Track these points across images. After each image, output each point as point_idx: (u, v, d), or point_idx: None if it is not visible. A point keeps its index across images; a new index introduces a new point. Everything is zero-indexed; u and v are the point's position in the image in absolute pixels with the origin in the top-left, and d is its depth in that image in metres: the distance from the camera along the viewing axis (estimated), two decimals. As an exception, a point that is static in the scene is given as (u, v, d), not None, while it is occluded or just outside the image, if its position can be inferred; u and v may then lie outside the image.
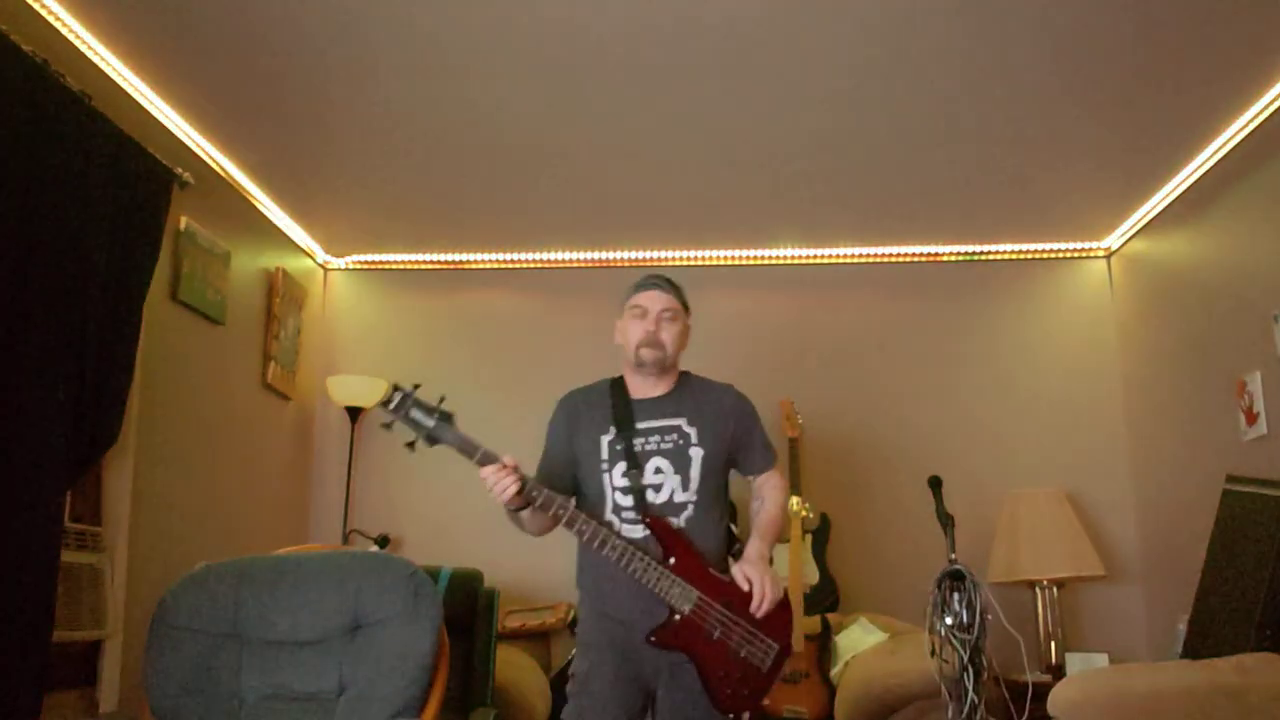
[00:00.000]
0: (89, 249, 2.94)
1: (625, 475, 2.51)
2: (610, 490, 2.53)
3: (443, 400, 2.43)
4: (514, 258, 4.87)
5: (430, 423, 2.41)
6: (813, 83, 3.37)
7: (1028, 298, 4.80)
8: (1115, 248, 4.71)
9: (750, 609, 2.44)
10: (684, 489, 2.52)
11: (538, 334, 4.79)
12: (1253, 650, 2.87)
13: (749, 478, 2.70)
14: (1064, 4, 2.93)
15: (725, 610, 2.44)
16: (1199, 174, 3.92)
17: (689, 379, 2.70)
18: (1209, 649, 3.11)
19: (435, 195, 4.27)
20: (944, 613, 2.49)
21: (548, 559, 4.19)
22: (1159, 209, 4.27)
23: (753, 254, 4.85)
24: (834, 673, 3.92)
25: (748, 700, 2.46)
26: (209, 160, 3.82)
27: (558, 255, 4.85)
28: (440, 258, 4.90)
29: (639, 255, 4.83)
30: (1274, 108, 3.40)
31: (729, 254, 4.85)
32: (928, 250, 4.79)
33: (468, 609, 3.50)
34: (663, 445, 2.53)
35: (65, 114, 2.86)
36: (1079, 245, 4.76)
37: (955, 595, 2.49)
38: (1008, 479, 4.42)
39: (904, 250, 4.80)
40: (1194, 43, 3.11)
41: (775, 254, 4.84)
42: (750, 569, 2.46)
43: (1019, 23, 3.01)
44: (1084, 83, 3.35)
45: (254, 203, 4.22)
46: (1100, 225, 4.59)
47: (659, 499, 2.51)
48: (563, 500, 2.42)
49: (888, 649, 3.83)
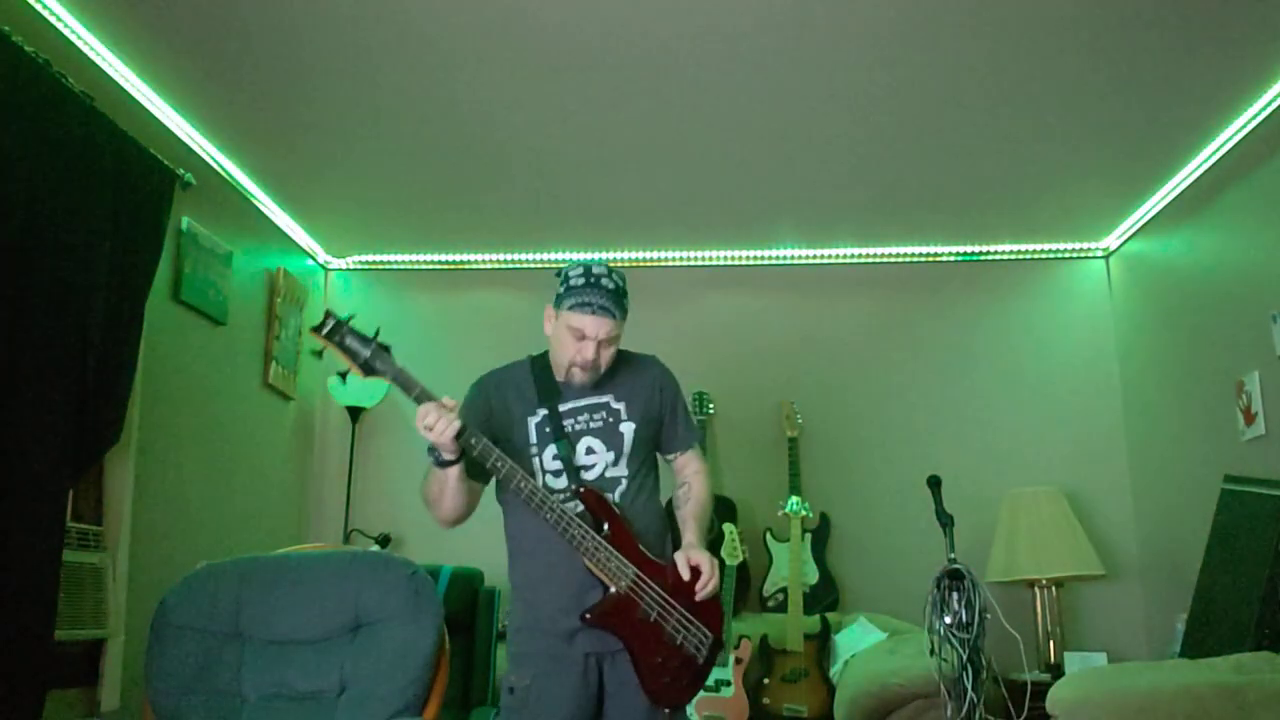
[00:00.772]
0: (91, 249, 2.95)
1: (556, 458, 2.39)
2: (541, 473, 2.41)
3: (378, 333, 2.32)
4: (514, 257, 4.88)
5: (366, 351, 2.29)
6: (813, 83, 3.37)
7: (1027, 298, 4.80)
8: (1114, 248, 4.72)
9: (695, 588, 2.32)
10: (615, 464, 2.41)
11: (537, 334, 4.75)
12: (1251, 649, 2.87)
13: (669, 457, 2.57)
14: (1063, 5, 2.93)
15: (661, 592, 2.32)
16: (1197, 174, 3.93)
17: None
18: (1207, 648, 3.11)
19: (436, 195, 4.27)
20: (943, 612, 2.50)
21: (548, 558, 4.20)
22: (1158, 209, 4.28)
23: (753, 254, 4.85)
24: (833, 672, 3.93)
25: (683, 692, 2.35)
26: (211, 161, 3.83)
27: (558, 255, 4.86)
28: (441, 258, 4.91)
29: (639, 255, 4.84)
30: (1272, 108, 3.41)
31: (729, 254, 4.85)
32: (928, 250, 4.80)
33: (468, 608, 3.51)
34: (592, 424, 2.42)
35: (67, 114, 2.87)
36: (1078, 245, 4.77)
37: (954, 594, 2.50)
38: (1007, 478, 4.43)
39: (904, 250, 4.80)
40: (1193, 43, 3.11)
41: (775, 254, 4.85)
42: (695, 553, 2.35)
43: (1019, 24, 3.02)
44: (1083, 83, 3.35)
45: (255, 203, 4.23)
46: (1099, 225, 4.60)
47: (591, 476, 2.40)
48: (500, 453, 2.26)
49: (887, 648, 3.84)
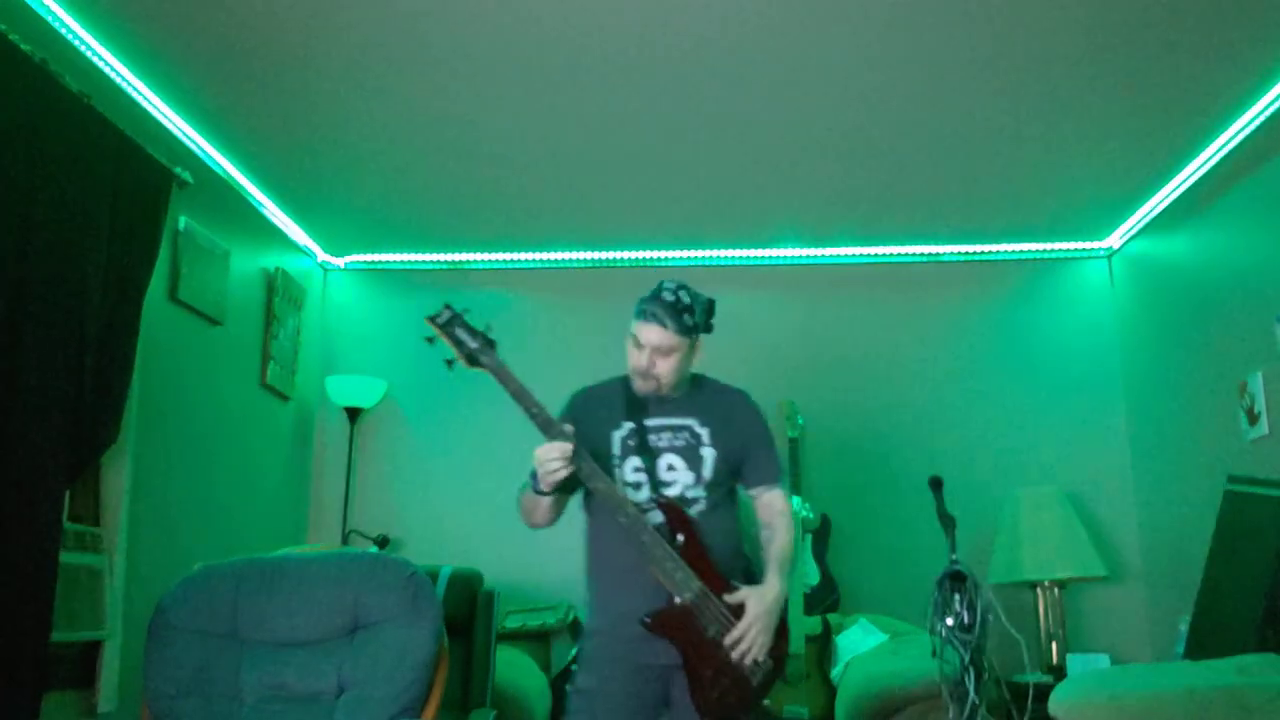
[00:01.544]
0: (88, 248, 2.94)
1: (638, 470, 2.47)
2: (621, 484, 2.47)
3: (489, 328, 2.45)
4: (514, 257, 4.87)
5: (474, 343, 2.42)
6: (814, 83, 3.36)
7: (1029, 298, 4.79)
8: (1117, 248, 4.71)
9: (727, 641, 2.35)
10: (694, 485, 2.48)
11: (537, 334, 4.78)
12: (1254, 651, 2.86)
13: (751, 492, 2.60)
14: (1064, 4, 2.92)
15: (725, 610, 2.37)
16: (1200, 173, 3.91)
17: (702, 381, 2.63)
18: (1210, 650, 3.10)
19: (435, 195, 4.26)
20: (945, 613, 2.49)
21: (548, 559, 4.19)
22: (1160, 209, 4.27)
23: (754, 254, 4.84)
24: (834, 673, 3.91)
25: (731, 710, 2.38)
26: (208, 160, 3.82)
27: (557, 254, 4.85)
28: (440, 257, 4.89)
29: (639, 255, 4.83)
30: (1275, 106, 3.39)
31: (729, 253, 4.84)
32: (929, 250, 4.79)
33: (467, 609, 3.50)
34: (674, 442, 2.49)
35: (64, 114, 2.86)
36: (1080, 245, 4.75)
37: (956, 596, 2.48)
38: (1009, 479, 4.42)
39: (905, 250, 4.79)
40: (1196, 41, 3.10)
41: (776, 254, 4.84)
42: (757, 605, 2.36)
43: (1020, 22, 3.01)
44: (1085, 82, 3.34)
45: (253, 202, 4.21)
46: (1101, 225, 4.58)
47: (671, 493, 2.46)
48: (602, 475, 2.38)
49: (889, 650, 3.83)
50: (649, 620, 2.34)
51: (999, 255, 4.78)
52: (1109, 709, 2.51)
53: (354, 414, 4.65)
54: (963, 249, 4.77)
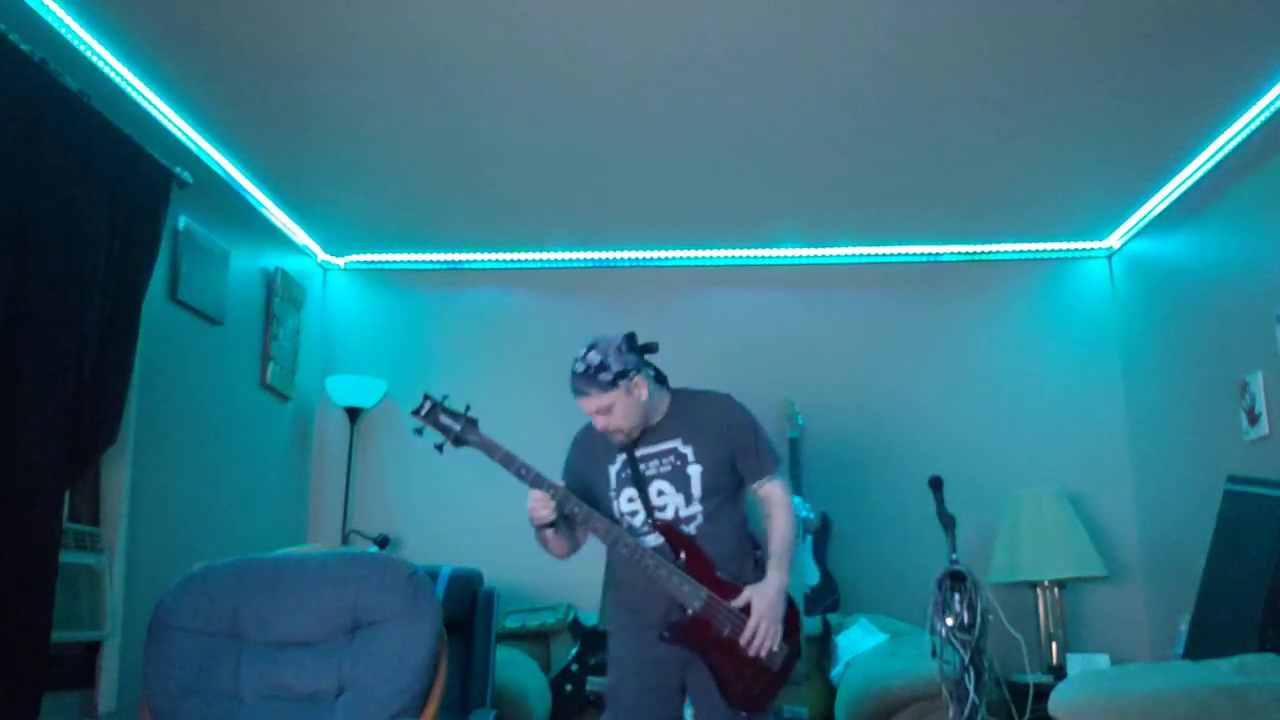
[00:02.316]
0: (87, 248, 2.93)
1: (631, 500, 2.67)
2: (619, 515, 2.68)
3: (468, 409, 2.67)
4: (513, 257, 4.87)
5: (457, 426, 2.64)
6: (813, 82, 3.36)
7: (1029, 298, 4.79)
8: (1117, 247, 4.70)
9: (742, 641, 2.53)
10: (687, 505, 2.64)
11: (537, 334, 4.78)
12: (1254, 651, 2.86)
13: (752, 487, 2.73)
14: (1064, 5, 2.92)
15: (734, 610, 2.55)
16: (1201, 173, 3.91)
17: (683, 397, 2.75)
18: (1210, 650, 3.09)
19: (434, 195, 4.26)
20: (945, 613, 2.49)
21: (547, 560, 4.17)
22: (1161, 209, 4.26)
23: (753, 253, 4.84)
24: (834, 673, 3.91)
25: (759, 699, 2.58)
26: (208, 160, 3.81)
27: (557, 255, 4.84)
28: (439, 257, 4.89)
29: (639, 255, 4.83)
30: (1275, 106, 3.39)
31: (729, 253, 4.84)
32: (929, 250, 4.78)
33: (467, 609, 3.50)
34: (661, 469, 2.66)
35: (64, 113, 2.86)
36: (1080, 245, 4.75)
37: (956, 596, 2.49)
38: (1009, 479, 4.41)
39: (905, 249, 4.79)
40: (1197, 41, 3.10)
41: (776, 253, 4.84)
42: (760, 602, 2.55)
43: (1019, 21, 3.01)
44: (1085, 82, 3.34)
45: (253, 202, 4.21)
46: (1102, 225, 4.58)
47: (665, 516, 2.64)
48: (593, 513, 2.60)
49: (888, 650, 3.82)
50: (667, 634, 2.55)
51: (999, 255, 4.78)
52: (1109, 709, 2.51)
53: (354, 414, 4.64)
54: (963, 249, 4.77)
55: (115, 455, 3.20)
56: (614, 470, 2.71)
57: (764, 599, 2.55)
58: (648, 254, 4.83)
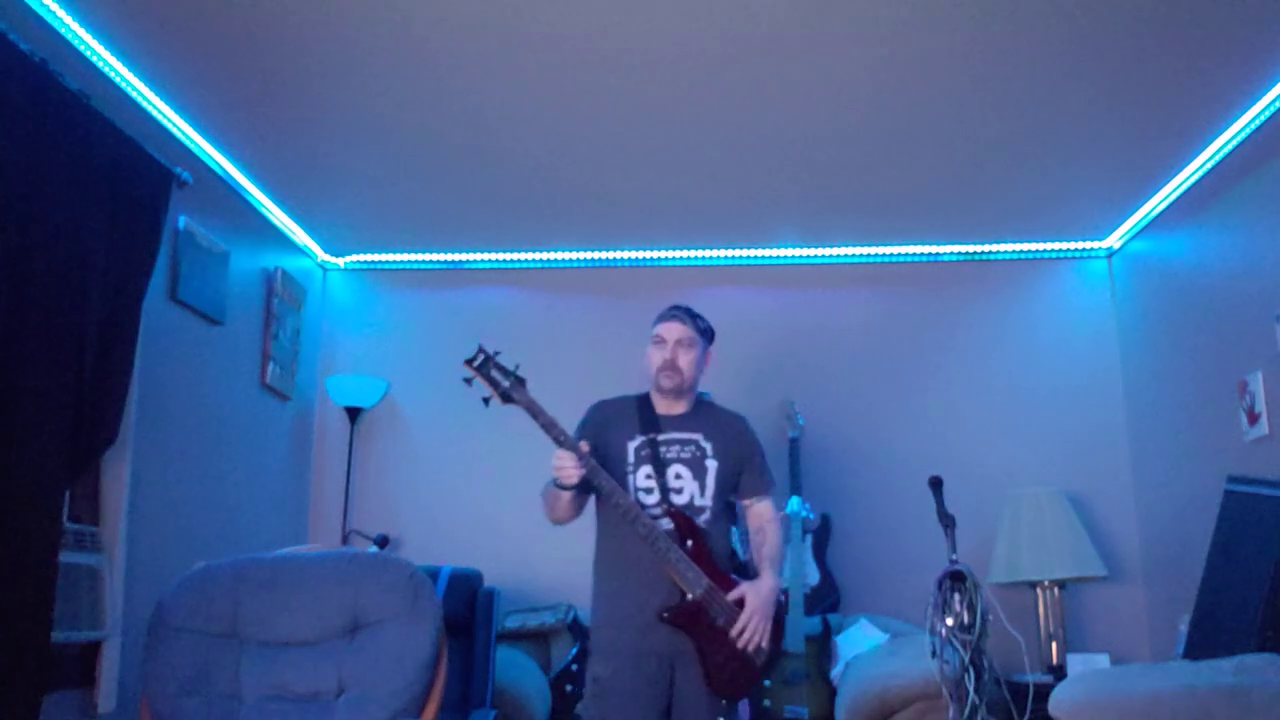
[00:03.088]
0: (88, 248, 2.93)
1: (649, 477, 2.78)
2: (634, 490, 2.77)
3: (518, 367, 2.70)
4: (514, 257, 4.87)
5: (506, 382, 2.67)
6: (813, 83, 3.36)
7: (1029, 298, 4.79)
8: (1117, 248, 4.70)
9: (733, 632, 2.67)
10: (702, 495, 2.80)
11: (537, 334, 4.78)
12: (1254, 651, 2.86)
13: (745, 502, 2.95)
14: (1065, 4, 2.92)
15: (729, 604, 2.70)
16: (1201, 173, 3.91)
17: (705, 404, 2.98)
18: (1210, 650, 3.10)
19: (434, 195, 4.26)
20: (945, 613, 2.49)
21: (547, 559, 4.20)
22: (1161, 209, 4.26)
23: (753, 253, 4.84)
24: (834, 673, 3.91)
25: (740, 688, 2.74)
26: (208, 160, 3.81)
27: (557, 254, 4.85)
28: (439, 257, 4.89)
29: (639, 255, 4.83)
30: (1276, 106, 3.39)
31: (729, 253, 4.84)
32: (929, 250, 4.79)
33: (467, 609, 3.50)
34: (682, 454, 2.81)
35: (64, 113, 2.86)
36: (1080, 245, 4.75)
37: (956, 596, 2.49)
38: (1009, 479, 4.41)
39: (905, 249, 4.79)
40: (1196, 41, 3.10)
41: (775, 253, 4.84)
42: (755, 598, 2.71)
43: (1020, 22, 3.01)
44: (1085, 82, 3.34)
45: (253, 202, 4.21)
46: (1101, 225, 4.58)
47: (680, 500, 2.77)
48: (616, 484, 2.68)
49: (888, 650, 3.82)
50: (667, 615, 2.66)
51: (999, 255, 4.78)
52: (1109, 709, 2.51)
53: (354, 414, 4.65)
54: (963, 249, 4.77)
55: (115, 455, 3.20)
56: (633, 446, 2.82)
57: (758, 596, 2.71)
58: (648, 254, 4.83)
